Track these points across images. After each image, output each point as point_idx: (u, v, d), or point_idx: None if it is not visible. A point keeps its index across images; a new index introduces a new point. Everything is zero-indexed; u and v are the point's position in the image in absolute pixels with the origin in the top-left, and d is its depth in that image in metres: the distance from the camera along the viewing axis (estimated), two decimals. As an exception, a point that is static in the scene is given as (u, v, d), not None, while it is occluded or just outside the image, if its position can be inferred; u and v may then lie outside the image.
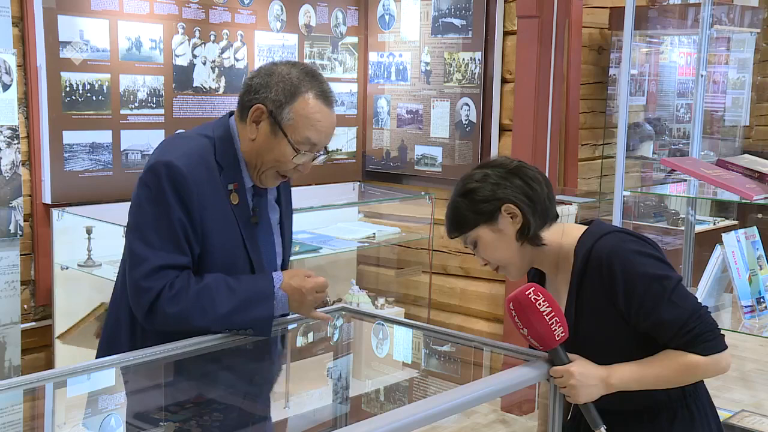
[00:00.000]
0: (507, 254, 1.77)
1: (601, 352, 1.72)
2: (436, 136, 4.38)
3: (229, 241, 1.90)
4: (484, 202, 1.74)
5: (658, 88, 6.10)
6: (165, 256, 1.80)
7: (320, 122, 1.86)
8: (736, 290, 2.89)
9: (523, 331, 1.64)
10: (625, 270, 1.67)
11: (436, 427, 1.58)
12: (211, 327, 1.84)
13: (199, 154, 1.87)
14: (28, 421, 1.72)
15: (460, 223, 1.78)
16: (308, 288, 1.87)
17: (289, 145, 1.85)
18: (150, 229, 1.82)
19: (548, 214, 1.77)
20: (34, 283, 3.53)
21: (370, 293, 4.38)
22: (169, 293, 1.78)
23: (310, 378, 2.18)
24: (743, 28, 6.30)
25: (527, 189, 1.74)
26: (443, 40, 4.30)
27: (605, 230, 1.75)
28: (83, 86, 3.51)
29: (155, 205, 1.81)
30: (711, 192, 3.14)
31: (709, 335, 1.67)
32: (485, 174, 1.76)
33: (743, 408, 3.30)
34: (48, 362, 3.56)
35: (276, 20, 4.18)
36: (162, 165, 1.82)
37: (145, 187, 1.84)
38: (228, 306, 1.81)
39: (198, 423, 1.82)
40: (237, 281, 1.85)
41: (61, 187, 3.48)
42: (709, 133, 6.44)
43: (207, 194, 1.84)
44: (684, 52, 6.30)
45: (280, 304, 1.88)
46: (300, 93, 1.85)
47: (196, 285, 1.81)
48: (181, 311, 1.79)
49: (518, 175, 1.75)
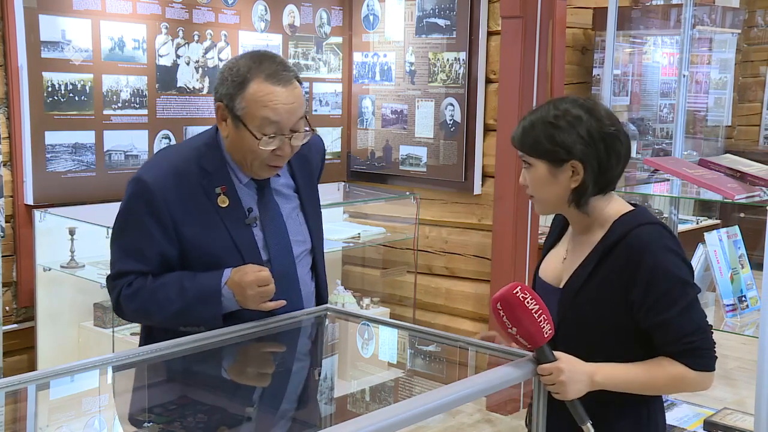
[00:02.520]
0: (549, 196, 1.77)
1: (586, 326, 1.73)
2: (420, 136, 4.38)
3: (215, 245, 1.93)
4: (559, 146, 1.71)
5: (641, 88, 6.14)
6: (129, 263, 1.95)
7: (273, 101, 1.86)
8: (718, 289, 2.91)
9: (511, 330, 1.64)
10: (654, 263, 1.68)
11: (422, 427, 1.59)
12: (171, 323, 1.93)
13: (174, 165, 1.95)
14: (10, 423, 1.70)
15: (527, 143, 1.75)
16: (247, 282, 1.88)
17: (250, 133, 1.88)
18: (121, 237, 1.98)
19: (608, 187, 1.76)
20: (16, 285, 3.51)
21: (356, 293, 4.38)
22: (127, 291, 1.94)
23: (295, 379, 2.18)
24: (725, 29, 6.36)
25: (605, 159, 1.72)
26: (427, 40, 4.30)
27: (648, 219, 1.75)
28: (65, 86, 3.48)
29: (125, 216, 1.97)
30: (694, 192, 3.16)
31: (706, 353, 1.70)
32: (579, 118, 1.71)
33: (725, 406, 3.32)
34: (30, 364, 3.54)
35: (260, 20, 4.17)
36: (133, 182, 1.96)
37: (123, 199, 1.98)
38: (178, 304, 1.91)
39: (182, 424, 1.81)
40: (191, 279, 1.92)
41: (44, 187, 3.45)
42: (691, 133, 6.49)
43: (181, 204, 1.91)
44: (667, 53, 6.34)
45: (227, 300, 1.91)
46: (248, 80, 1.87)
47: (153, 283, 1.93)
48: (140, 307, 1.94)
49: (606, 142, 1.71)
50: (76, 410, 1.94)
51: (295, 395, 2.10)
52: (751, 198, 2.86)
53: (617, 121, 1.76)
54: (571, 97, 1.78)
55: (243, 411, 2.01)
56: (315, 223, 2.13)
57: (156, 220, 1.90)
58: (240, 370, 2.14)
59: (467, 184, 4.23)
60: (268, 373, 2.16)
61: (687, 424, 3.11)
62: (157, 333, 1.98)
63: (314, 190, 2.17)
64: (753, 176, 2.93)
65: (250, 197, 1.99)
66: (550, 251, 1.92)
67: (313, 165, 2.16)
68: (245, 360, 2.12)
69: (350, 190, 4.62)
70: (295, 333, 2.14)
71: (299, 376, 2.20)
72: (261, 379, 2.13)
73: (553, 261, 1.89)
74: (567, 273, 1.81)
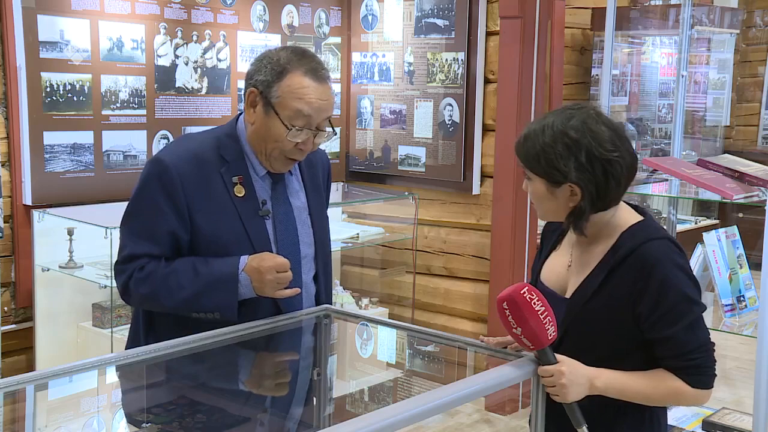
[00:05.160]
0: (548, 210, 1.77)
1: (592, 336, 1.73)
2: (419, 137, 4.38)
3: (228, 233, 1.94)
4: (555, 170, 1.69)
5: (640, 89, 6.14)
6: (142, 245, 1.93)
7: (308, 95, 1.91)
8: (717, 289, 2.91)
9: (516, 330, 1.64)
10: (664, 279, 1.68)
11: (421, 427, 1.59)
12: (181, 309, 1.92)
13: (193, 151, 1.96)
14: (9, 424, 1.70)
15: (528, 157, 1.73)
16: (266, 267, 1.89)
17: (281, 122, 1.90)
18: (133, 220, 1.97)
19: (609, 205, 1.74)
20: (14, 285, 3.50)
21: (354, 294, 4.38)
22: (139, 275, 1.92)
23: (294, 379, 2.18)
24: (723, 29, 6.36)
25: (603, 183, 1.70)
26: (426, 40, 4.30)
27: (658, 234, 1.74)
28: (64, 86, 3.48)
29: (140, 198, 1.95)
30: (692, 192, 3.17)
31: (706, 371, 1.71)
32: (577, 143, 1.66)
33: (724, 406, 3.32)
34: (29, 365, 3.53)
35: (259, 20, 4.17)
36: (151, 162, 1.97)
37: (139, 180, 1.97)
38: (193, 289, 1.90)
39: (181, 424, 1.81)
40: (205, 265, 1.91)
41: (42, 188, 3.45)
42: (690, 133, 6.50)
43: (197, 189, 1.92)
44: (665, 53, 6.34)
45: (243, 286, 1.91)
46: (287, 71, 1.91)
47: (165, 268, 1.91)
48: (150, 292, 1.92)
49: (605, 167, 1.68)
50: (75, 410, 1.94)
51: (294, 395, 2.10)
52: (749, 198, 2.86)
53: (621, 142, 1.70)
54: (579, 111, 1.72)
55: (242, 411, 2.01)
56: (321, 233, 2.13)
57: (171, 201, 1.91)
58: (240, 370, 2.14)
59: (466, 185, 4.23)
60: (267, 373, 2.17)
61: (686, 424, 3.11)
62: (159, 322, 1.97)
63: (322, 205, 2.17)
64: (751, 176, 2.93)
65: (265, 190, 2.01)
66: (551, 255, 1.91)
67: (319, 179, 2.17)
68: (245, 360, 2.12)
69: (349, 191, 4.62)
70: (294, 333, 2.14)
71: (299, 376, 2.20)
72: (260, 379, 2.13)
73: (556, 267, 1.87)
74: (573, 282, 1.81)
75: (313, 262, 2.11)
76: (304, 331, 2.17)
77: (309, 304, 2.10)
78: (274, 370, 2.18)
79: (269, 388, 2.11)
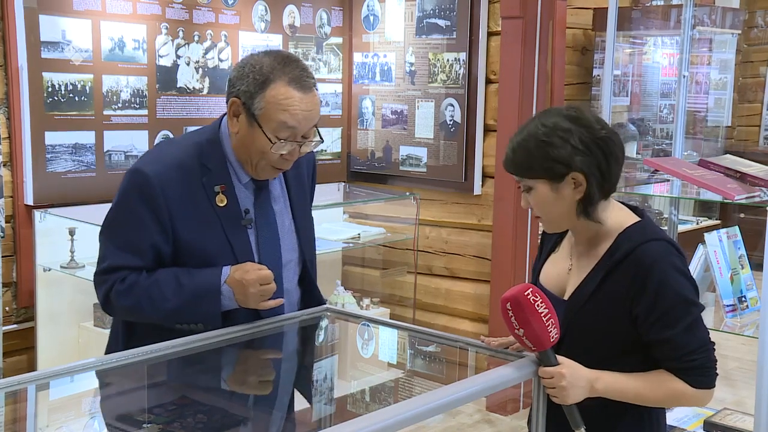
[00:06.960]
0: (556, 214, 1.75)
1: (590, 338, 1.73)
2: (420, 137, 4.38)
3: (211, 244, 1.91)
4: (556, 162, 1.68)
5: (641, 89, 6.14)
6: (123, 257, 1.90)
7: (293, 106, 1.84)
8: (718, 289, 2.91)
9: (518, 331, 1.64)
10: (661, 281, 1.67)
11: (422, 427, 1.59)
12: (164, 320, 1.89)
13: (176, 160, 1.91)
14: (10, 424, 1.70)
15: (523, 167, 1.72)
16: (249, 280, 1.86)
17: (263, 134, 1.85)
18: (114, 231, 1.94)
19: (614, 186, 1.74)
20: (15, 285, 3.51)
21: (356, 294, 4.38)
22: (120, 287, 1.89)
23: (295, 379, 2.18)
24: (725, 30, 6.35)
25: (604, 164, 1.69)
26: (428, 40, 4.30)
27: (656, 235, 1.73)
28: (65, 87, 3.48)
29: (121, 209, 1.93)
30: (694, 192, 3.16)
31: (707, 371, 1.70)
32: (569, 131, 1.68)
33: (725, 406, 3.32)
34: (30, 365, 3.53)
35: (260, 21, 4.17)
36: (131, 172, 1.93)
37: (119, 190, 1.94)
38: (176, 301, 1.87)
39: (181, 425, 1.81)
40: (188, 276, 1.89)
41: (44, 188, 3.45)
42: (691, 134, 6.49)
43: (179, 200, 1.88)
44: (667, 53, 6.34)
45: (226, 298, 1.89)
46: (270, 81, 1.84)
47: (147, 280, 1.89)
48: (133, 305, 1.89)
49: (601, 147, 1.69)
50: (76, 410, 1.94)
51: (294, 395, 2.10)
52: (751, 198, 2.86)
53: (606, 124, 1.74)
54: (555, 109, 1.76)
55: (242, 411, 2.01)
56: (306, 236, 2.10)
57: (153, 214, 1.87)
58: (240, 370, 2.14)
59: (467, 185, 4.23)
60: (267, 373, 2.16)
61: (687, 424, 3.11)
62: (140, 332, 1.94)
63: (306, 203, 2.14)
64: (753, 177, 2.93)
65: (248, 198, 1.97)
66: (550, 257, 1.91)
67: (304, 177, 2.14)
68: (245, 360, 2.12)
69: (350, 191, 4.62)
70: (295, 333, 2.14)
71: (299, 377, 2.20)
72: (261, 380, 2.13)
73: (555, 269, 1.87)
74: (572, 284, 1.81)
75: (298, 266, 2.08)
76: (305, 332, 2.17)
77: (290, 310, 2.07)
78: (275, 370, 2.18)
79: (270, 388, 2.11)
